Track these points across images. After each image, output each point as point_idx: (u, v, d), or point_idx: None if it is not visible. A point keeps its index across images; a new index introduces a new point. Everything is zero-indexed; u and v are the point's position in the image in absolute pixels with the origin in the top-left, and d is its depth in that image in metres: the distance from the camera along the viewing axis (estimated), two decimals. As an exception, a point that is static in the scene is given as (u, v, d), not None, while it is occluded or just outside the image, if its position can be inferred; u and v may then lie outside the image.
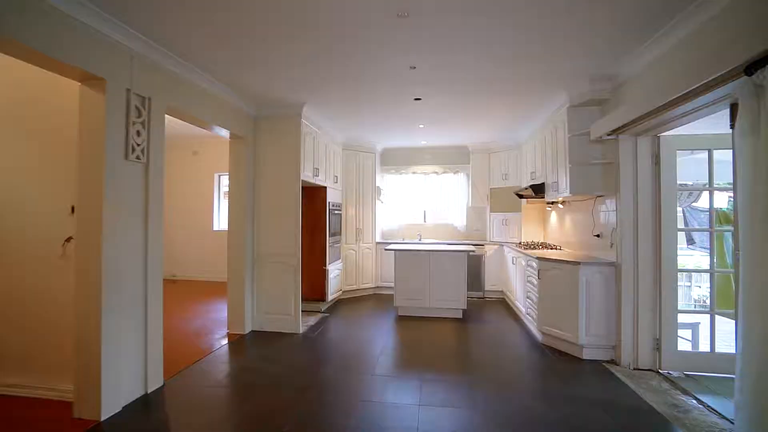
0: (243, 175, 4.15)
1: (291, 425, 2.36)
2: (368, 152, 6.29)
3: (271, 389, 2.86)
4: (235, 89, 3.72)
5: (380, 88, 3.67)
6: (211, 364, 3.34)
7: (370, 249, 6.29)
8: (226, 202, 7.38)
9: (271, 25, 2.49)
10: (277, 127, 4.28)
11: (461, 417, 2.46)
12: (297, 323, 4.20)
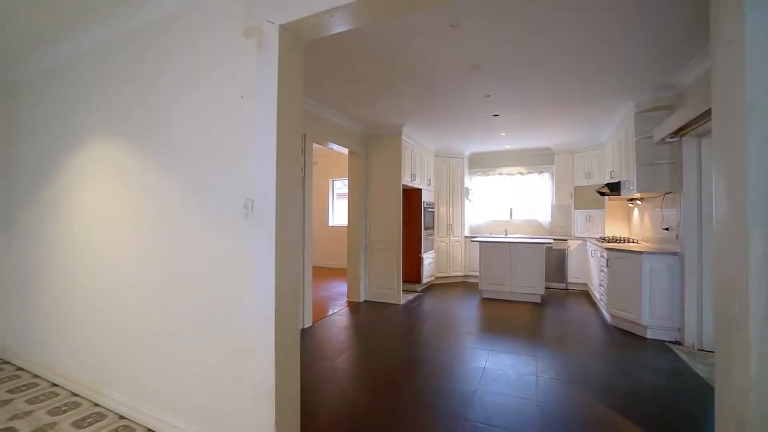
0: (358, 181, 5.51)
1: (396, 355, 3.51)
2: (457, 157, 7.21)
3: (381, 334, 4.08)
4: (354, 119, 5.06)
5: (463, 110, 4.61)
6: (339, 317, 4.72)
7: (459, 242, 7.21)
8: (339, 202, 9.08)
9: (381, 80, 3.67)
10: (383, 144, 5.54)
11: (520, 360, 3.31)
12: (399, 296, 5.39)
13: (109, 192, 2.57)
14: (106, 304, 2.57)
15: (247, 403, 1.83)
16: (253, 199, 1.79)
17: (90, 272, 2.68)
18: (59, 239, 2.93)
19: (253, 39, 1.87)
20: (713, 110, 1.31)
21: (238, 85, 1.93)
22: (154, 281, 2.28)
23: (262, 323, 1.77)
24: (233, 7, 1.96)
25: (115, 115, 2.56)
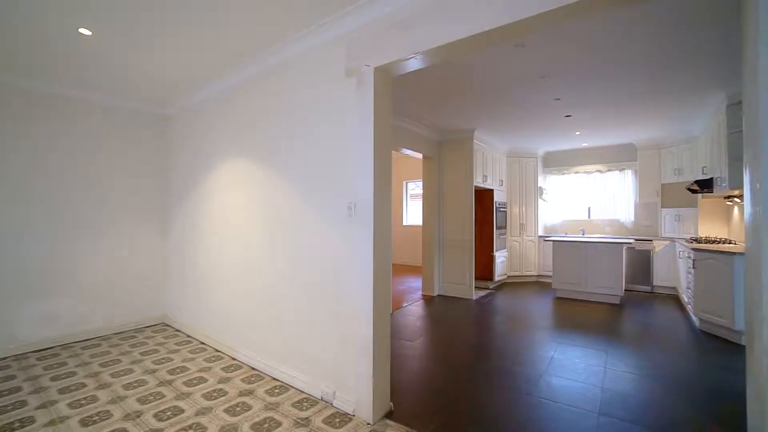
0: (432, 184, 5.93)
1: (468, 341, 3.88)
2: (530, 157, 7.23)
3: (454, 323, 4.46)
4: (427, 126, 5.50)
5: (533, 113, 4.77)
6: (414, 307, 5.19)
7: (532, 241, 7.23)
8: (412, 202, 9.57)
9: (451, 91, 4.06)
10: (455, 148, 5.88)
11: (589, 353, 3.45)
12: (471, 291, 5.70)
13: (242, 197, 3.36)
14: (240, 283, 3.37)
15: (350, 358, 2.39)
16: (355, 204, 2.35)
17: (228, 259, 3.52)
18: (204, 234, 3.86)
19: (353, 78, 2.43)
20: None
21: (341, 114, 2.51)
22: (278, 265, 2.99)
23: (363, 296, 2.31)
24: (337, 55, 2.54)
25: (241, 139, 3.35)
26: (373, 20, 2.31)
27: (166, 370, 3.10)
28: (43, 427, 2.28)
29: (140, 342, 3.82)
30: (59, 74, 3.47)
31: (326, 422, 2.29)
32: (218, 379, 2.91)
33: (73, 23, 2.55)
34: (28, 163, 3.61)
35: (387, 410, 2.40)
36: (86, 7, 2.36)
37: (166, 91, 3.95)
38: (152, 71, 3.41)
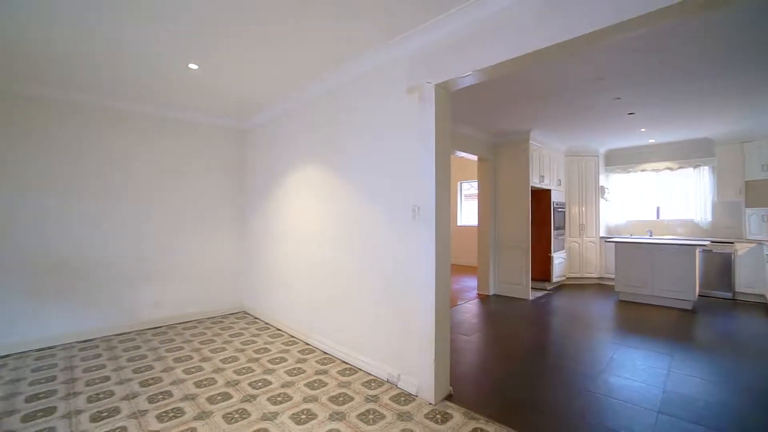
0: (487, 185, 6.03)
1: (525, 338, 3.97)
2: (590, 156, 7.00)
3: (510, 321, 4.55)
4: (481, 129, 5.61)
5: (592, 113, 4.70)
6: (470, 305, 5.34)
7: (593, 243, 6.99)
8: (466, 202, 9.63)
9: (507, 96, 4.17)
10: (511, 149, 5.92)
11: (652, 355, 3.39)
12: (527, 292, 5.71)
13: (313, 201, 3.79)
14: (311, 278, 3.80)
15: (414, 346, 2.67)
16: (419, 206, 2.62)
17: (300, 257, 3.98)
18: (278, 233, 4.37)
19: (415, 94, 2.70)
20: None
21: (404, 125, 2.79)
22: (346, 263, 3.35)
23: (425, 291, 2.58)
24: (401, 72, 2.83)
25: (312, 149, 3.78)
26: (433, 42, 2.57)
27: (252, 350, 3.61)
28: (169, 385, 2.84)
29: (227, 326, 4.43)
30: (166, 99, 4.16)
31: (392, 400, 2.59)
32: (296, 360, 3.35)
33: (186, 61, 3.12)
34: (143, 173, 4.37)
35: (447, 394, 2.64)
36: (197, 48, 2.90)
37: (247, 107, 4.52)
38: (238, 92, 3.96)
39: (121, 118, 4.23)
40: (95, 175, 4.08)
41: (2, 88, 3.55)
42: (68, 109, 3.92)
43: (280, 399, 2.63)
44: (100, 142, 4.11)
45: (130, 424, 2.32)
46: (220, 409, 2.49)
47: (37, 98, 3.74)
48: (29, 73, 3.36)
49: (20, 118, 3.67)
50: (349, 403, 2.56)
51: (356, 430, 2.24)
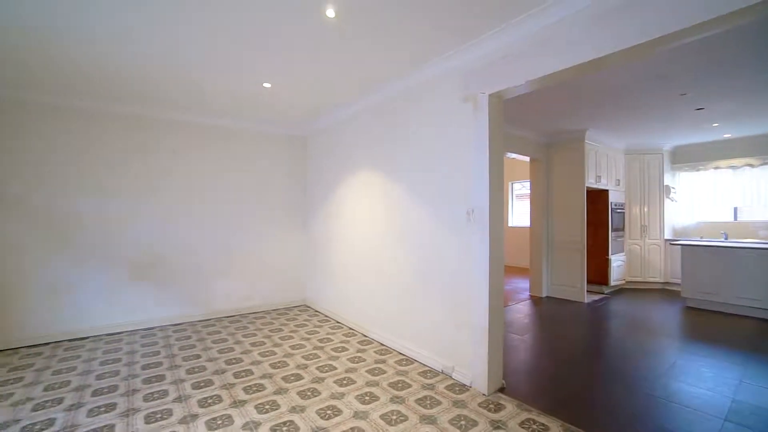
0: (540, 186, 5.97)
1: (579, 340, 3.96)
2: (653, 153, 6.62)
3: (564, 323, 4.52)
4: (534, 130, 5.58)
5: (656, 110, 4.51)
6: (522, 306, 5.35)
7: (657, 245, 6.61)
8: (518, 203, 9.47)
9: (561, 97, 4.16)
10: (565, 149, 5.82)
11: (721, 364, 3.25)
12: (582, 295, 5.58)
13: (371, 203, 4.08)
14: (370, 275, 4.09)
15: (468, 340, 2.84)
16: (473, 209, 2.79)
17: (359, 254, 4.29)
18: (338, 233, 4.72)
19: (469, 103, 2.87)
20: None
21: (459, 133, 2.97)
22: (402, 261, 3.59)
23: (479, 290, 2.74)
24: (455, 82, 3.01)
25: (370, 154, 4.06)
26: (486, 54, 2.72)
27: (316, 339, 3.98)
28: (249, 365, 3.27)
29: (291, 318, 4.86)
30: (241, 114, 4.68)
31: (447, 389, 2.78)
32: (356, 350, 3.65)
33: (261, 80, 3.55)
34: (219, 180, 4.94)
35: (500, 386, 2.78)
36: (272, 69, 3.29)
37: (308, 117, 4.93)
38: (302, 104, 4.36)
39: (204, 133, 4.83)
40: (183, 185, 4.69)
41: (108, 111, 4.24)
42: (167, 128, 4.56)
43: (345, 382, 2.93)
44: (188, 156, 4.72)
45: (223, 394, 2.74)
46: (294, 387, 2.84)
47: (135, 119, 4.41)
48: (130, 98, 3.99)
49: (123, 139, 4.35)
50: (407, 389, 2.80)
51: (415, 412, 2.47)
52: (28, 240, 3.86)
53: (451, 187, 3.05)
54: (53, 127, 3.99)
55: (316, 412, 2.48)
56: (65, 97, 3.94)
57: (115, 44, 2.81)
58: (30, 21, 2.47)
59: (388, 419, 2.39)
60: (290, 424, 2.34)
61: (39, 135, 3.92)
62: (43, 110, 3.93)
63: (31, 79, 3.47)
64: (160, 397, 2.71)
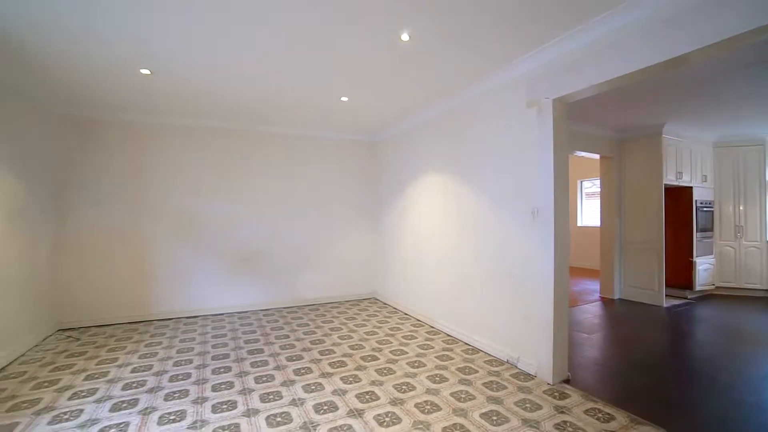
0: (611, 184, 5.76)
1: (655, 344, 3.85)
2: (752, 145, 5.99)
3: (636, 325, 4.39)
4: (604, 126, 5.41)
5: (749, 99, 4.18)
6: (591, 307, 5.24)
7: (757, 248, 5.97)
8: (588, 201, 9.05)
9: (635, 91, 4.06)
10: (639, 145, 5.55)
11: (825, 376, 3.00)
12: (660, 298, 5.30)
13: (439, 203, 4.36)
14: (437, 270, 4.37)
15: (532, 332, 3.01)
16: (538, 208, 2.95)
17: (427, 250, 4.59)
18: (406, 231, 5.07)
19: (533, 108, 3.03)
20: None
21: (523, 136, 3.14)
22: (468, 258, 3.83)
23: (544, 285, 2.89)
24: (519, 88, 3.18)
25: (437, 158, 4.33)
26: (550, 61, 2.86)
27: (387, 328, 4.36)
28: (330, 345, 3.76)
29: (362, 309, 5.32)
30: (321, 124, 5.25)
31: (512, 376, 2.98)
32: (424, 338, 3.96)
33: (340, 95, 4.02)
34: (299, 183, 5.57)
35: (565, 378, 2.90)
36: (351, 85, 3.74)
37: (380, 125, 5.35)
38: (374, 114, 4.78)
39: (289, 143, 5.48)
40: (272, 189, 5.39)
41: (213, 127, 5.04)
42: (259, 140, 5.29)
43: (416, 365, 3.26)
44: (276, 164, 5.41)
45: (312, 366, 3.22)
46: (371, 366, 3.24)
47: (236, 134, 5.17)
48: (232, 116, 4.72)
49: (225, 151, 5.14)
50: (474, 374, 3.04)
51: (482, 393, 2.71)
52: (161, 236, 4.78)
53: (516, 188, 3.23)
54: (179, 143, 4.87)
55: (392, 386, 2.84)
56: (185, 118, 4.79)
57: (223, 75, 3.44)
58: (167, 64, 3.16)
59: (457, 396, 2.66)
60: (371, 394, 2.72)
61: (167, 151, 4.82)
62: (166, 131, 4.83)
63: (156, 105, 4.31)
64: (262, 365, 3.27)
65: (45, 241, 4.09)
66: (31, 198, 3.79)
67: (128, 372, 3.13)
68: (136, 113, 4.57)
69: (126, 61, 3.08)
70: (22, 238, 3.62)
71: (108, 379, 3.00)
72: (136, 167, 4.69)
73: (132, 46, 2.83)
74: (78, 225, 4.44)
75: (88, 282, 4.47)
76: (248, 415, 2.44)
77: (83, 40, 2.73)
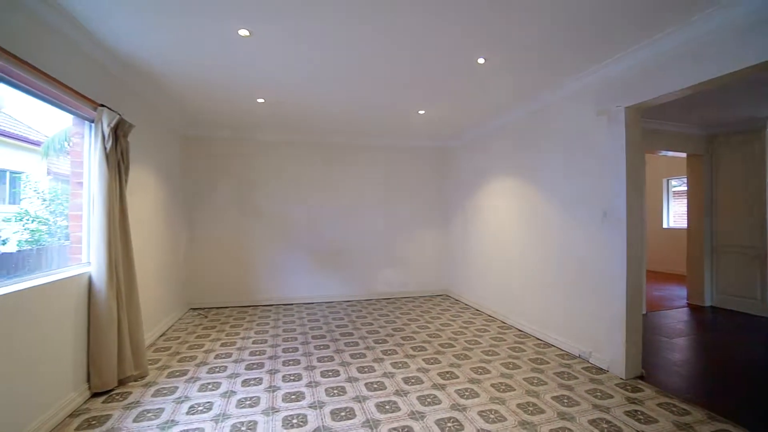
0: (700, 183, 5.44)
1: (749, 351, 3.69)
2: None
3: (727, 334, 4.18)
4: (692, 123, 5.15)
5: None
6: (677, 313, 5.02)
7: None
8: (676, 201, 8.39)
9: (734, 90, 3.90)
10: (735, 141, 5.17)
11: None
12: (763, 308, 4.89)
13: (510, 205, 4.60)
14: (509, 268, 4.62)
15: (605, 329, 3.16)
16: (608, 210, 3.11)
17: (496, 249, 4.85)
18: (477, 230, 5.36)
19: (603, 116, 3.18)
20: None
21: (593, 142, 3.30)
22: (538, 256, 4.03)
23: (616, 284, 3.04)
24: (588, 99, 3.34)
25: (508, 162, 4.57)
26: (622, 70, 3.00)
27: (461, 321, 4.71)
28: (410, 333, 4.23)
29: (436, 304, 5.71)
30: (398, 134, 5.77)
31: (584, 369, 3.16)
32: (496, 332, 4.24)
33: (418, 109, 4.48)
34: (375, 188, 6.14)
35: (638, 374, 3.02)
36: (426, 99, 4.17)
37: (451, 133, 5.71)
38: (449, 123, 5.16)
39: (368, 151, 6.09)
40: (352, 193, 6.04)
41: (302, 141, 5.81)
42: (342, 150, 5.98)
43: (490, 353, 3.58)
44: (356, 170, 6.06)
45: (396, 349, 3.71)
46: (449, 352, 3.63)
47: (320, 145, 5.90)
48: (320, 131, 5.42)
49: (312, 162, 5.89)
50: (545, 364, 3.28)
51: (554, 380, 2.96)
52: (264, 235, 5.68)
53: (586, 190, 3.39)
54: (275, 156, 5.74)
55: (469, 369, 3.21)
56: (283, 134, 5.63)
57: (319, 100, 4.08)
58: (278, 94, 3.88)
59: (530, 381, 2.95)
60: (451, 373, 3.12)
61: (266, 163, 5.71)
62: (267, 146, 5.72)
63: (261, 125, 5.16)
64: (353, 345, 3.84)
65: (182, 239, 5.15)
66: (174, 204, 4.83)
67: (250, 343, 3.91)
68: (245, 131, 5.50)
69: (247, 92, 3.87)
70: (170, 237, 4.65)
71: (237, 347, 3.79)
72: (243, 178, 5.63)
73: (255, 82, 3.58)
74: (202, 226, 5.48)
75: (209, 272, 5.49)
76: (349, 381, 2.99)
77: (218, 78, 3.54)
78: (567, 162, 3.65)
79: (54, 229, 3.63)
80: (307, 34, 2.68)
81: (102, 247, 2.77)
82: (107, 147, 2.82)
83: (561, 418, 2.42)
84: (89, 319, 2.75)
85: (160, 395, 2.75)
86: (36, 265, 3.12)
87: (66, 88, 2.45)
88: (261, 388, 2.87)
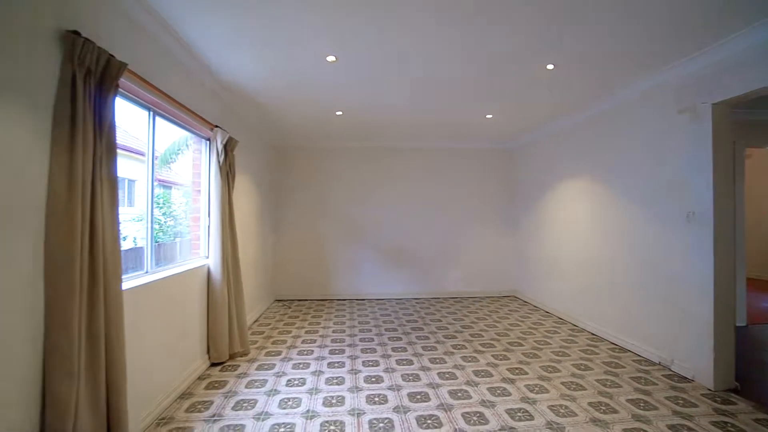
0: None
1: None
2: None
3: None
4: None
5: None
6: (787, 326, 4.48)
7: None
8: None
9: None
10: None
11: None
12: None
13: (581, 206, 4.50)
14: (579, 270, 4.52)
15: (689, 337, 3.01)
16: (694, 211, 2.97)
17: (567, 251, 4.76)
18: (547, 232, 5.28)
19: (685, 114, 3.04)
20: None
21: (673, 141, 3.15)
22: (612, 257, 3.91)
23: (703, 289, 2.89)
24: (665, 97, 3.20)
25: (577, 163, 4.47)
26: (707, 65, 2.84)
27: (530, 322, 4.71)
28: (479, 330, 4.36)
29: (503, 304, 5.73)
30: (463, 137, 5.90)
31: (665, 377, 3.05)
32: (567, 334, 4.19)
33: (485, 113, 4.59)
34: (438, 189, 6.32)
35: (731, 386, 2.84)
36: (495, 104, 4.27)
37: (516, 135, 5.68)
38: (514, 125, 5.16)
39: (433, 154, 6.31)
40: (418, 195, 6.30)
41: (374, 146, 6.19)
42: (406, 154, 6.27)
43: (560, 354, 3.59)
44: (421, 173, 6.31)
45: (466, 344, 3.88)
46: (518, 350, 3.71)
47: (390, 150, 6.24)
48: (387, 137, 5.75)
49: (377, 167, 6.25)
50: (620, 368, 3.22)
51: (629, 384, 2.92)
52: (337, 236, 6.19)
53: (665, 191, 3.25)
54: (348, 161, 6.22)
55: (539, 366, 3.28)
56: (355, 141, 6.08)
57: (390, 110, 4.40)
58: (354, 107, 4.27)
59: (603, 382, 2.95)
60: (520, 370, 3.23)
61: (341, 168, 6.21)
62: (342, 152, 6.21)
63: (338, 134, 5.63)
64: (424, 339, 4.09)
65: (269, 239, 5.84)
66: (265, 208, 5.50)
67: (330, 332, 4.35)
68: (323, 141, 6.04)
69: (329, 106, 4.31)
70: (262, 237, 5.32)
71: (319, 335, 4.25)
72: (319, 183, 6.19)
73: (337, 98, 4.00)
74: (286, 226, 6.14)
75: (291, 267, 6.13)
76: (422, 370, 3.25)
77: (306, 96, 4.02)
78: (642, 162, 3.52)
79: (165, 228, 4.40)
80: (385, 55, 2.99)
81: (217, 244, 3.37)
82: (220, 161, 3.42)
83: (636, 420, 2.42)
84: (208, 303, 3.36)
85: (262, 369, 3.26)
86: (171, 257, 3.83)
87: (195, 114, 3.05)
88: (344, 370, 3.25)
